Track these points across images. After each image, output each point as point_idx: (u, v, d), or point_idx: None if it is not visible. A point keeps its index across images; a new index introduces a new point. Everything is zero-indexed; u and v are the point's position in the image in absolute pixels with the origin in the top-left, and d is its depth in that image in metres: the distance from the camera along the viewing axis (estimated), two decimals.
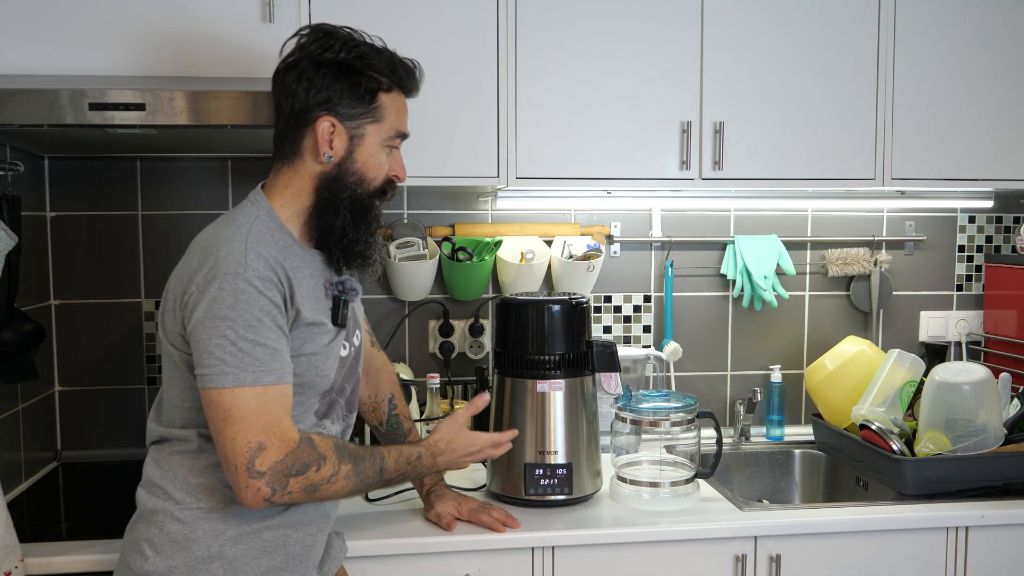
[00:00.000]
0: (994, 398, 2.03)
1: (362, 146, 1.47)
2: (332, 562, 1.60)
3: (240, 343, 1.33)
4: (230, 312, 1.32)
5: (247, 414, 1.33)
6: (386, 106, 1.48)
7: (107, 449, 2.33)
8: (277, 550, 1.45)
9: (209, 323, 1.33)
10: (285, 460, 1.35)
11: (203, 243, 1.41)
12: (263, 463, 1.33)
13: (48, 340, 2.27)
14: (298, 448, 1.37)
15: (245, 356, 1.33)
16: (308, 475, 1.38)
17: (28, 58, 1.86)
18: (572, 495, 1.92)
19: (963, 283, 2.69)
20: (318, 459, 1.39)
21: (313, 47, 1.45)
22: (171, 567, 1.39)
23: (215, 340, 1.32)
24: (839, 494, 2.30)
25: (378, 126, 1.48)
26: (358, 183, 1.47)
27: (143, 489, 1.47)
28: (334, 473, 1.41)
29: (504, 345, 1.97)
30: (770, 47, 2.16)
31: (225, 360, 1.32)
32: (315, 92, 1.43)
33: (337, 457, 1.42)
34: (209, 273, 1.34)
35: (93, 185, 2.30)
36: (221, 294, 1.33)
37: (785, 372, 2.56)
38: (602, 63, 2.11)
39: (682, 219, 2.54)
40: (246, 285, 1.34)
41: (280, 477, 1.35)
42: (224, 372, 1.32)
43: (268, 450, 1.34)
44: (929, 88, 2.23)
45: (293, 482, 1.36)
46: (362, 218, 1.48)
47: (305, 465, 1.37)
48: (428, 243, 2.37)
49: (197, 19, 1.92)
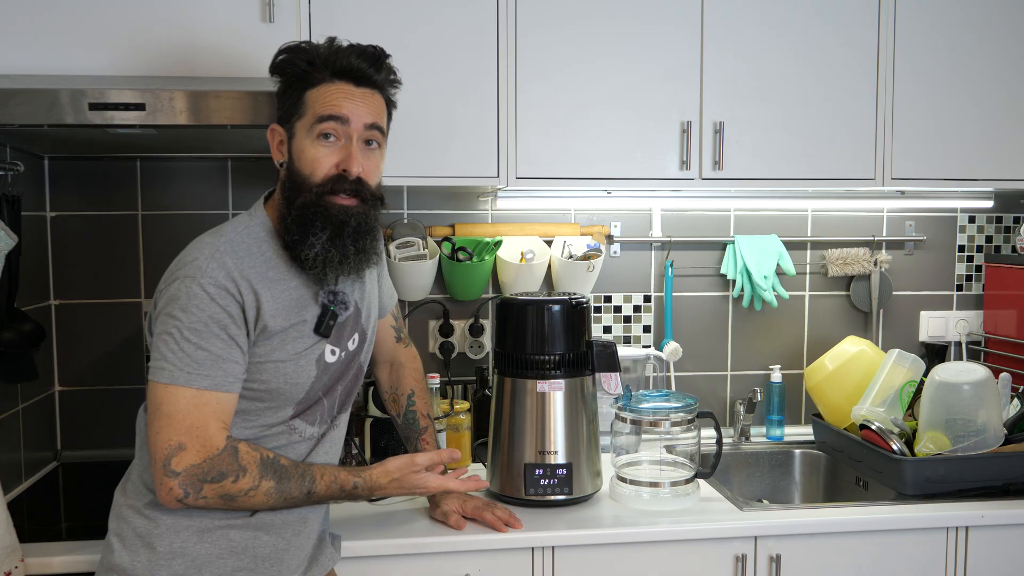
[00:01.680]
0: (994, 398, 2.03)
1: (295, 144, 1.49)
2: (319, 568, 1.59)
3: (183, 343, 1.36)
4: (180, 313, 1.36)
5: (174, 412, 1.35)
6: (310, 100, 1.47)
7: (107, 449, 2.33)
8: (245, 552, 1.45)
9: (162, 319, 1.37)
10: (202, 465, 1.36)
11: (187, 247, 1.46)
12: (179, 464, 1.35)
13: (48, 340, 2.27)
14: (218, 456, 1.37)
15: (185, 357, 1.36)
16: (224, 484, 1.38)
17: (28, 58, 1.86)
18: (572, 495, 1.92)
19: (963, 283, 2.69)
20: (237, 471, 1.39)
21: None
22: (135, 561, 1.41)
23: (163, 336, 1.37)
24: (839, 494, 2.30)
25: (303, 120, 1.48)
26: (301, 182, 1.46)
27: (119, 484, 1.51)
28: (252, 487, 1.40)
29: (504, 345, 1.97)
30: (770, 47, 2.16)
31: (166, 356, 1.36)
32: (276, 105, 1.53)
33: (260, 472, 1.41)
34: (173, 274, 1.40)
35: (93, 185, 2.30)
36: (177, 294, 1.38)
37: (785, 372, 2.56)
38: (602, 63, 2.11)
39: (682, 219, 2.54)
40: (199, 290, 1.37)
41: (194, 481, 1.36)
42: (163, 368, 1.36)
43: (187, 452, 1.35)
44: (929, 88, 2.23)
45: (208, 488, 1.37)
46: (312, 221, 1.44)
47: (222, 474, 1.37)
48: (428, 243, 2.37)
49: (197, 19, 1.92)
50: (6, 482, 1.93)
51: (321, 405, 1.54)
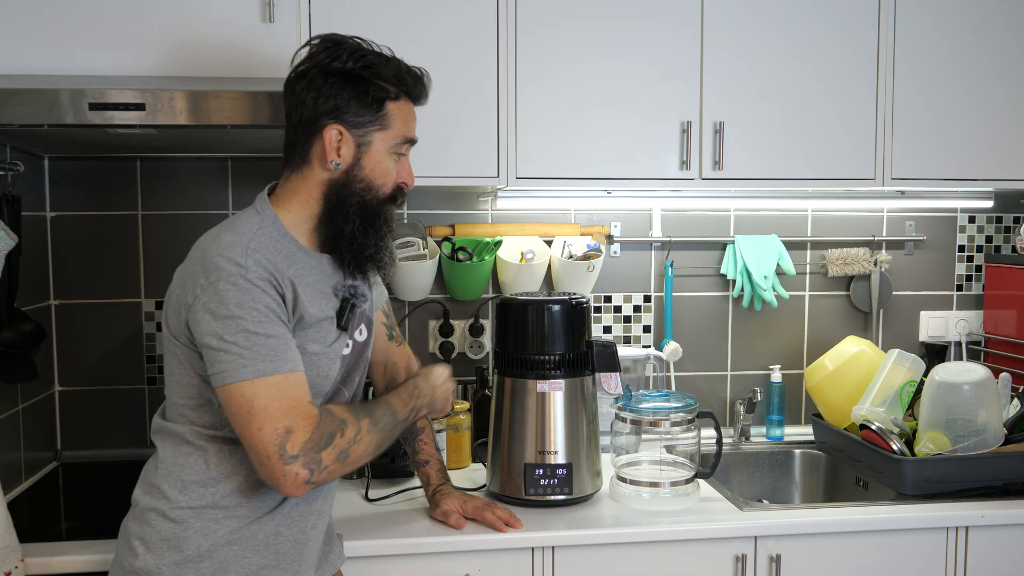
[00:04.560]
0: (994, 398, 2.03)
1: (369, 153, 1.49)
2: (329, 566, 1.60)
3: (253, 337, 1.34)
4: (238, 310, 1.35)
5: (270, 402, 1.34)
6: (393, 114, 1.50)
7: (107, 449, 2.33)
8: (268, 549, 1.45)
9: (220, 324, 1.34)
10: (313, 436, 1.37)
11: (204, 246, 1.43)
12: (294, 446, 1.34)
13: (48, 340, 2.27)
14: (321, 422, 1.39)
15: (260, 348, 1.35)
16: (336, 443, 1.39)
17: (28, 58, 1.86)
18: (572, 495, 1.92)
19: (963, 283, 2.69)
20: (339, 425, 1.41)
21: (322, 56, 1.47)
22: (160, 565, 1.40)
23: (228, 339, 1.34)
24: (839, 494, 2.30)
25: (385, 133, 1.50)
26: (366, 190, 1.50)
27: (139, 487, 1.48)
28: (357, 433, 1.43)
29: (504, 345, 1.97)
30: (770, 47, 2.16)
31: (242, 355, 1.34)
32: (323, 101, 1.45)
33: (354, 417, 1.44)
34: (212, 276, 1.36)
35: (93, 185, 2.30)
36: (227, 294, 1.35)
37: (785, 372, 2.56)
38: (602, 63, 2.11)
39: (682, 219, 2.54)
40: (249, 285, 1.36)
41: (312, 455, 1.36)
42: (243, 365, 1.34)
43: (295, 432, 1.35)
44: (929, 88, 2.23)
45: (325, 455, 1.38)
46: (371, 223, 1.51)
47: (331, 435, 1.39)
48: (428, 243, 2.37)
49: (197, 19, 1.92)
50: (6, 482, 1.93)
51: (342, 396, 1.57)
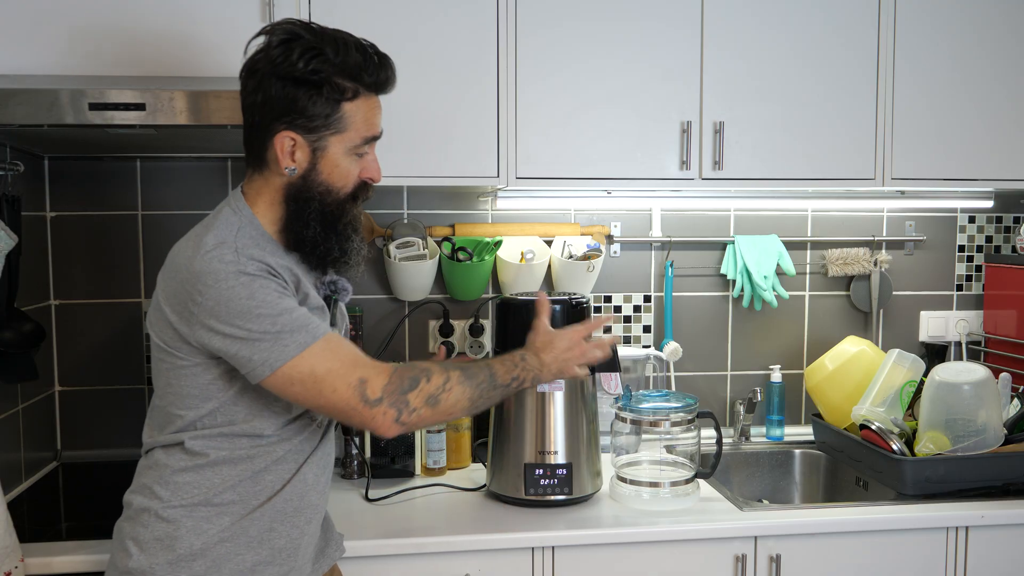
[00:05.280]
0: (994, 398, 2.03)
1: (325, 158, 1.44)
2: (326, 560, 1.59)
3: (279, 319, 1.33)
4: (251, 302, 1.33)
5: (330, 364, 1.35)
6: (350, 115, 1.43)
7: (107, 449, 2.33)
8: (262, 544, 1.44)
9: (239, 322, 1.32)
10: (392, 379, 1.38)
11: (188, 254, 1.39)
12: (374, 390, 1.36)
13: (48, 340, 2.27)
14: (398, 369, 1.40)
15: (290, 324, 1.34)
16: (422, 387, 1.40)
17: (28, 58, 1.86)
18: (572, 495, 1.92)
19: (963, 283, 2.69)
20: (424, 371, 1.42)
21: (275, 53, 1.39)
22: (154, 564, 1.39)
23: (256, 330, 1.32)
24: (839, 494, 2.30)
25: (341, 136, 1.43)
26: (325, 193, 1.45)
27: (131, 490, 1.48)
28: (446, 380, 1.43)
29: (504, 345, 1.97)
30: (770, 47, 2.16)
31: (278, 338, 1.33)
32: (274, 104, 1.40)
33: (441, 368, 1.44)
34: (208, 280, 1.33)
35: (93, 185, 2.30)
36: (232, 292, 1.33)
37: (785, 372, 2.56)
38: (602, 63, 2.11)
39: (682, 219, 2.54)
40: (249, 278, 1.34)
41: (397, 396, 1.37)
42: (284, 346, 1.33)
43: (371, 379, 1.36)
44: (929, 88, 2.23)
45: (412, 397, 1.38)
46: (332, 226, 1.46)
47: (414, 379, 1.40)
48: (428, 243, 2.37)
49: (197, 19, 1.92)
50: (6, 482, 1.93)
51: None
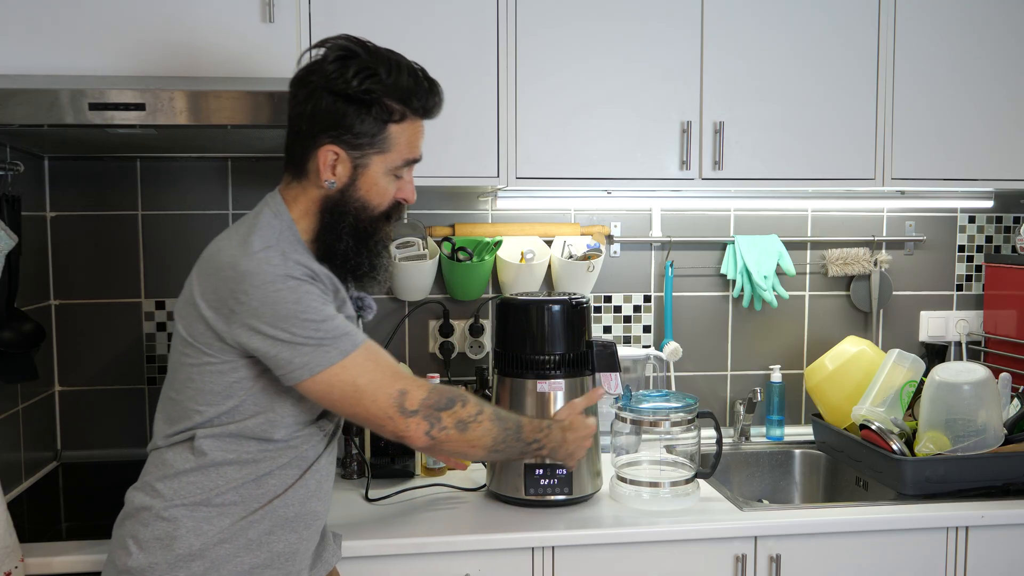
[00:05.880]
0: (994, 398, 2.03)
1: (365, 175, 1.47)
2: (323, 565, 1.59)
3: (322, 325, 1.37)
4: (296, 306, 1.35)
5: (372, 374, 1.40)
6: (395, 137, 1.46)
7: (107, 449, 2.33)
8: (261, 548, 1.44)
9: (283, 324, 1.35)
10: (431, 395, 1.43)
11: (232, 252, 1.39)
12: (412, 402, 1.41)
13: (48, 340, 2.27)
14: (436, 387, 1.45)
15: (333, 331, 1.37)
16: (455, 410, 1.45)
17: (28, 58, 1.86)
18: (572, 495, 1.92)
19: (963, 283, 2.69)
20: (460, 397, 1.47)
21: (330, 68, 1.42)
22: (152, 564, 1.40)
23: (300, 334, 1.35)
24: (839, 494, 2.30)
25: (384, 156, 1.47)
26: (361, 209, 1.48)
27: (133, 488, 1.48)
28: (479, 412, 1.48)
29: (504, 345, 1.97)
30: (770, 47, 2.16)
31: (321, 343, 1.36)
32: (322, 117, 1.43)
33: (477, 400, 1.49)
34: (256, 281, 1.35)
35: (93, 185, 2.30)
36: (279, 295, 1.35)
37: (785, 372, 2.56)
38: (602, 63, 2.10)
39: (682, 219, 2.54)
40: (296, 282, 1.37)
41: (431, 411, 1.42)
42: (326, 352, 1.36)
43: (410, 392, 1.42)
44: (929, 88, 2.23)
45: (445, 416, 1.44)
46: (364, 243, 1.49)
47: (450, 400, 1.45)
48: (428, 243, 2.37)
49: (197, 19, 1.92)
50: (6, 482, 1.93)
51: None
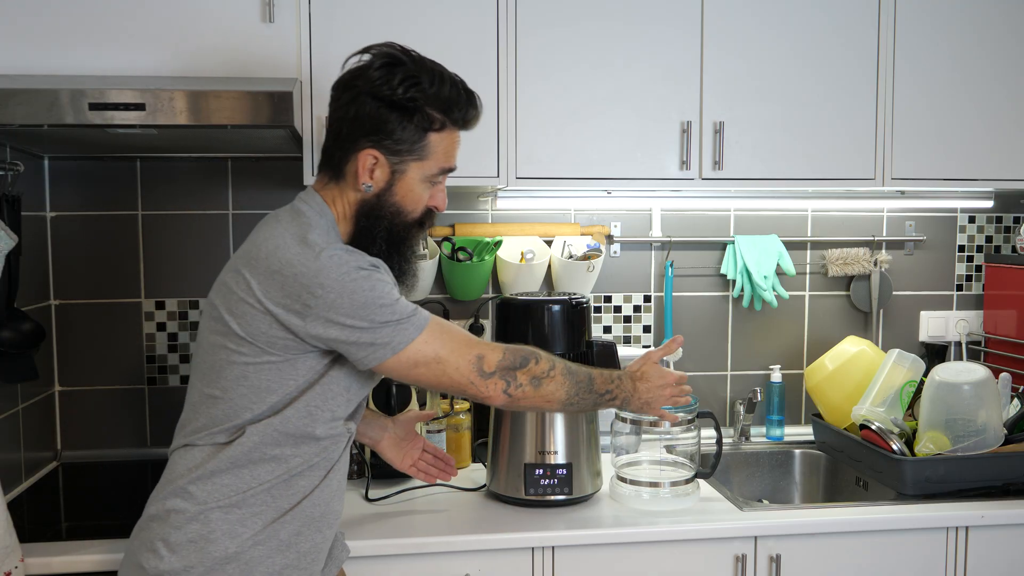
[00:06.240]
0: (994, 398, 2.03)
1: (403, 181, 1.50)
2: (333, 563, 1.60)
3: (396, 307, 1.43)
4: (371, 293, 1.40)
5: (449, 344, 1.47)
6: (434, 145, 1.50)
7: (107, 449, 2.33)
8: (290, 548, 1.45)
9: (362, 312, 1.40)
10: (506, 357, 1.51)
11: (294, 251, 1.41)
12: (489, 364, 1.49)
13: (48, 340, 2.27)
14: (509, 347, 1.53)
15: (406, 311, 1.44)
16: (530, 367, 1.53)
17: (28, 58, 1.86)
18: (572, 495, 1.92)
19: (963, 283, 2.69)
20: (533, 354, 1.55)
21: (375, 75, 1.45)
22: (188, 567, 1.39)
23: (379, 318, 1.41)
24: (839, 494, 2.30)
25: (422, 164, 1.50)
26: (395, 214, 1.51)
27: (161, 490, 1.46)
28: (552, 367, 1.56)
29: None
30: (770, 47, 2.16)
31: (400, 323, 1.42)
32: (365, 122, 1.46)
33: (549, 356, 1.57)
34: (329, 277, 1.39)
35: (93, 185, 2.30)
36: (354, 285, 1.39)
37: (785, 372, 2.56)
38: (602, 63, 2.10)
39: (682, 219, 2.54)
40: (367, 272, 1.41)
41: (508, 371, 1.51)
42: (405, 329, 1.43)
43: (486, 356, 1.50)
44: (929, 88, 2.23)
45: (520, 375, 1.52)
46: (397, 247, 1.53)
47: (524, 359, 1.53)
48: (428, 243, 2.37)
49: (197, 19, 1.92)
50: (6, 482, 1.93)
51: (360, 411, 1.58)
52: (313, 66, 1.97)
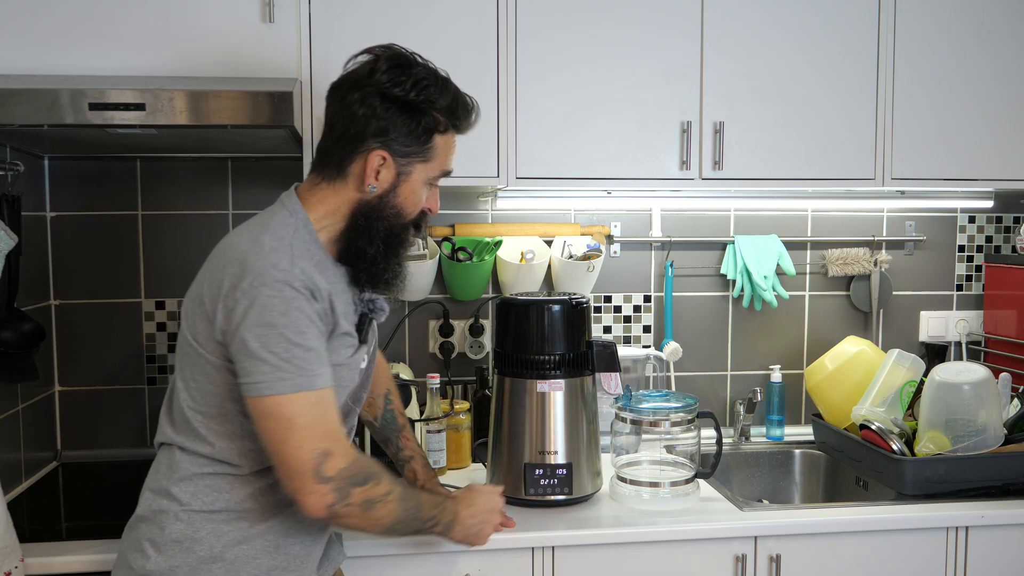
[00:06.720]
0: (994, 398, 2.03)
1: (407, 183, 1.49)
2: (330, 564, 1.60)
3: (294, 349, 1.33)
4: (282, 319, 1.33)
5: (310, 421, 1.34)
6: (438, 147, 1.50)
7: (107, 449, 2.33)
8: (278, 550, 1.45)
9: (260, 331, 1.33)
10: (351, 467, 1.37)
11: (243, 248, 1.39)
12: (331, 469, 1.34)
13: (48, 340, 2.27)
14: (360, 458, 1.40)
15: (299, 361, 1.34)
16: (368, 488, 1.39)
17: (28, 58, 1.86)
18: (572, 495, 1.92)
19: (963, 283, 2.69)
20: (377, 473, 1.41)
21: (383, 77, 1.43)
22: (173, 567, 1.40)
23: (270, 347, 1.32)
24: (839, 494, 2.30)
25: (426, 165, 1.50)
26: (395, 216, 1.49)
27: (147, 490, 1.47)
28: (388, 492, 1.42)
29: (504, 345, 1.97)
30: (770, 47, 2.16)
31: (281, 367, 1.33)
32: (375, 122, 1.43)
33: (389, 478, 1.44)
34: (256, 280, 1.34)
35: (93, 185, 2.30)
36: (272, 301, 1.33)
37: (785, 372, 2.56)
38: (602, 63, 2.10)
39: (682, 219, 2.54)
40: (294, 293, 1.34)
41: (345, 485, 1.36)
42: (281, 378, 1.33)
43: (334, 456, 1.35)
44: (929, 88, 2.23)
45: (356, 492, 1.37)
46: (393, 248, 1.51)
47: (367, 476, 1.39)
48: (428, 243, 2.37)
49: (197, 19, 1.92)
50: (6, 482, 1.93)
51: (353, 414, 1.57)
52: (313, 66, 1.97)
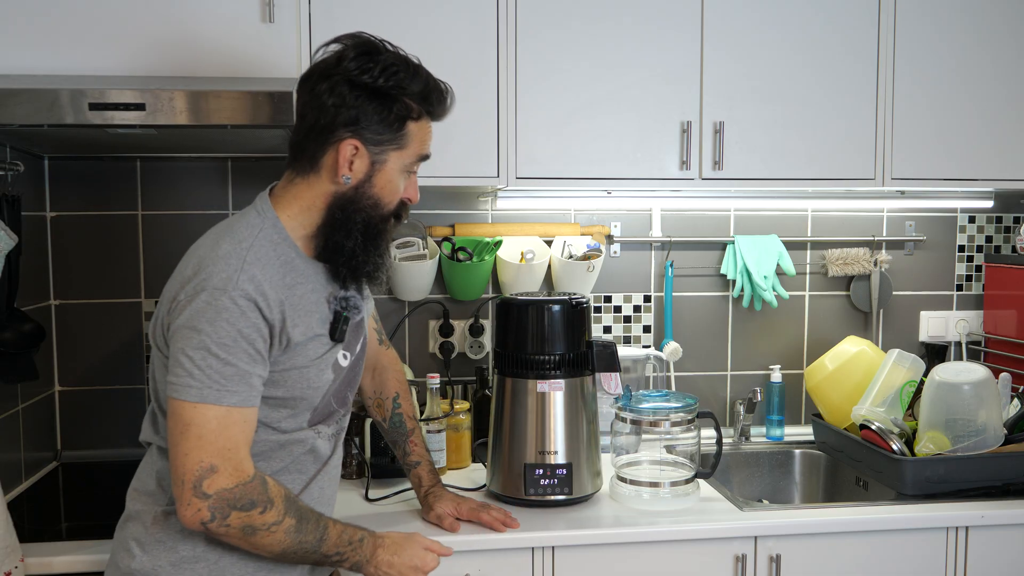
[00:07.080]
0: (994, 398, 2.03)
1: (382, 171, 1.46)
2: (325, 568, 1.59)
3: (210, 359, 1.31)
4: (208, 327, 1.31)
5: (206, 433, 1.31)
6: (412, 133, 1.46)
7: (107, 449, 2.33)
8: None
9: (186, 333, 1.31)
10: (234, 490, 1.32)
11: (201, 252, 1.39)
12: (211, 486, 1.30)
13: (48, 340, 2.27)
14: (250, 483, 1.33)
15: (213, 373, 1.31)
16: (252, 514, 1.33)
17: (28, 58, 1.86)
18: (572, 495, 1.92)
19: (963, 283, 2.69)
20: (266, 502, 1.35)
21: (351, 65, 1.41)
22: (157, 566, 1.40)
23: (188, 351, 1.31)
24: (839, 494, 2.30)
25: (401, 153, 1.47)
26: (373, 207, 1.47)
27: (132, 489, 1.48)
28: (276, 522, 1.36)
29: (504, 345, 1.97)
30: (770, 47, 2.16)
31: (192, 373, 1.31)
32: (344, 111, 1.41)
33: (284, 507, 1.37)
34: (199, 284, 1.33)
35: (93, 185, 2.30)
36: (204, 307, 1.31)
37: (785, 372, 2.56)
38: (602, 63, 2.10)
39: (682, 219, 2.54)
40: (230, 303, 1.32)
41: (223, 506, 1.31)
42: (189, 385, 1.31)
43: (219, 475, 1.31)
44: (929, 88, 2.23)
45: (235, 516, 1.32)
46: (373, 240, 1.48)
47: (252, 503, 1.33)
48: (428, 243, 2.37)
49: (197, 19, 1.92)
50: (6, 482, 1.93)
51: (336, 415, 1.55)
52: None
